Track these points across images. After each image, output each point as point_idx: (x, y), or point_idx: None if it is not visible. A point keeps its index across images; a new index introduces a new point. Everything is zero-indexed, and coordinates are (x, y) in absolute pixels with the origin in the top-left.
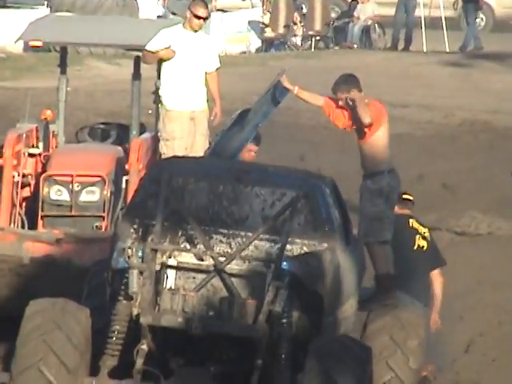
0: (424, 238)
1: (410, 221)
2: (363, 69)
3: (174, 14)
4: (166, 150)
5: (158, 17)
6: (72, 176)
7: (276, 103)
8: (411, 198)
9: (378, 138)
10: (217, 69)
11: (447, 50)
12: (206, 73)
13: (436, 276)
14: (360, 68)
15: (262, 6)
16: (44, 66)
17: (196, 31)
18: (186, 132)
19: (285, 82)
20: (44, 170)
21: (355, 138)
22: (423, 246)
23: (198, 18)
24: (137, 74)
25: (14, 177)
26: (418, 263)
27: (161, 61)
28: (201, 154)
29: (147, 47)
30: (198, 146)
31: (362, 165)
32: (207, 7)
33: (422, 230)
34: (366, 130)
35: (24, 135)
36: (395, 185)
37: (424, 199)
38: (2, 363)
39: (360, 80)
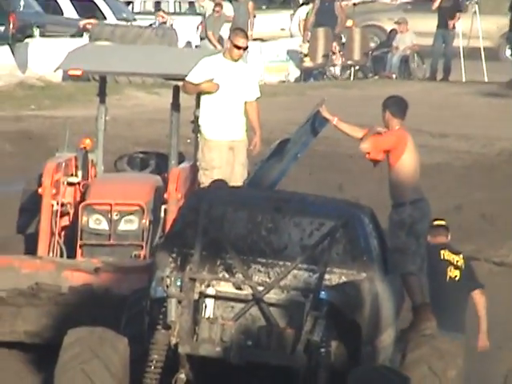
0: (457, 267)
1: (441, 252)
2: None
3: None
4: (205, 180)
5: (196, 46)
6: (111, 205)
7: (315, 133)
8: (443, 223)
9: (401, 167)
10: (257, 98)
11: (486, 80)
12: (245, 102)
13: (477, 297)
14: None
15: (301, 35)
16: (83, 95)
17: (236, 61)
18: (224, 161)
19: (324, 112)
20: (83, 199)
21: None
22: (456, 276)
23: (238, 48)
24: (176, 104)
25: (52, 206)
26: (452, 294)
27: (201, 92)
28: (239, 183)
29: (188, 78)
30: (236, 175)
31: (390, 194)
32: (247, 37)
33: (455, 258)
34: (383, 158)
35: (63, 164)
36: (419, 216)
37: (462, 229)
38: None
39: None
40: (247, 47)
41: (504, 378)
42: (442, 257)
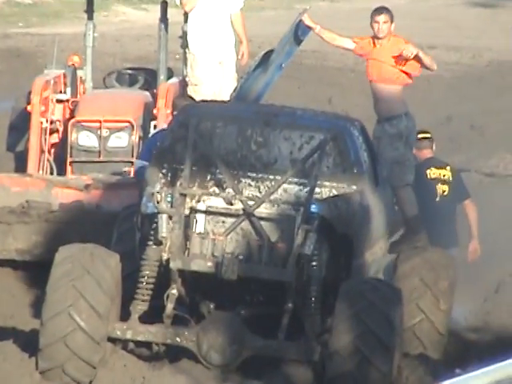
0: (444, 182)
1: (428, 172)
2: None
3: None
4: (195, 95)
5: None
6: (100, 122)
7: (299, 42)
8: (428, 135)
9: (399, 81)
10: (241, 9)
11: None
12: (230, 14)
13: (468, 206)
14: None
15: None
16: (70, 12)
17: None
18: (214, 76)
19: (307, 20)
20: (72, 116)
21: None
22: (444, 191)
23: None
24: (164, 19)
25: (41, 123)
26: (443, 210)
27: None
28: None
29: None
30: (226, 89)
31: (377, 108)
32: None
33: (442, 173)
34: (399, 71)
35: (52, 81)
36: (412, 126)
37: (452, 141)
38: (32, 309)
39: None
40: None
41: (496, 286)
42: (428, 176)
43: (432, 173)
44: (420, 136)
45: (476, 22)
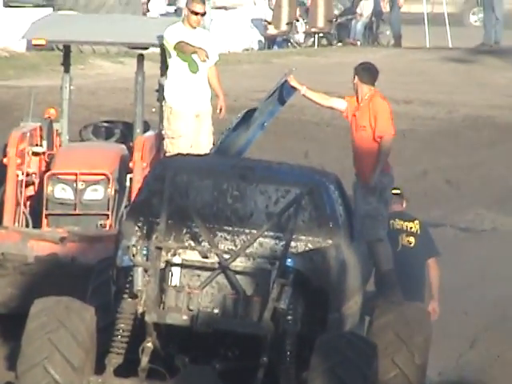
0: (410, 234)
1: (391, 222)
2: None
3: None
4: (172, 148)
5: (162, 15)
6: (76, 174)
7: (283, 103)
8: (398, 191)
9: (375, 137)
10: (216, 63)
11: (450, 46)
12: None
13: (431, 265)
14: None
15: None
16: (47, 65)
17: (194, 28)
18: (191, 130)
19: (292, 81)
20: (48, 169)
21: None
22: (410, 243)
23: (196, 13)
24: (140, 72)
25: (18, 176)
26: (407, 261)
27: (166, 58)
28: (206, 151)
29: (173, 41)
30: (203, 143)
31: (355, 162)
32: (204, 3)
33: (409, 225)
34: (371, 132)
35: (28, 134)
36: (388, 182)
37: (428, 195)
38: (7, 362)
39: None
40: (205, 13)
41: (471, 342)
42: (391, 226)
43: (396, 223)
44: (392, 192)
45: (452, 77)
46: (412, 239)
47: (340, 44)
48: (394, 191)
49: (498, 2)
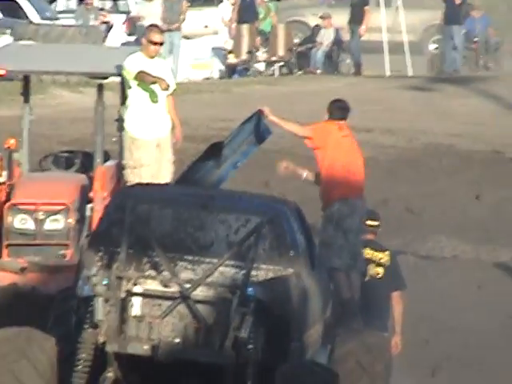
0: (379, 264)
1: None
2: (326, 94)
3: None
4: (133, 178)
5: (123, 44)
6: (36, 204)
7: (260, 142)
8: (374, 223)
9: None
10: (173, 91)
11: (410, 74)
12: None
13: (395, 299)
14: (323, 93)
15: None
16: (7, 95)
17: (153, 57)
18: (152, 159)
19: (270, 115)
20: (8, 199)
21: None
22: (378, 274)
23: (154, 43)
24: (100, 102)
25: None
26: (373, 292)
27: (125, 88)
28: (167, 180)
29: (133, 71)
30: (164, 172)
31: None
32: (162, 33)
33: (378, 256)
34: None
35: None
36: (347, 211)
37: (388, 223)
38: None
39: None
40: (163, 43)
41: (432, 370)
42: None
43: (366, 253)
44: (367, 222)
45: (412, 106)
46: (380, 270)
47: (300, 72)
48: (370, 222)
49: (457, 30)
